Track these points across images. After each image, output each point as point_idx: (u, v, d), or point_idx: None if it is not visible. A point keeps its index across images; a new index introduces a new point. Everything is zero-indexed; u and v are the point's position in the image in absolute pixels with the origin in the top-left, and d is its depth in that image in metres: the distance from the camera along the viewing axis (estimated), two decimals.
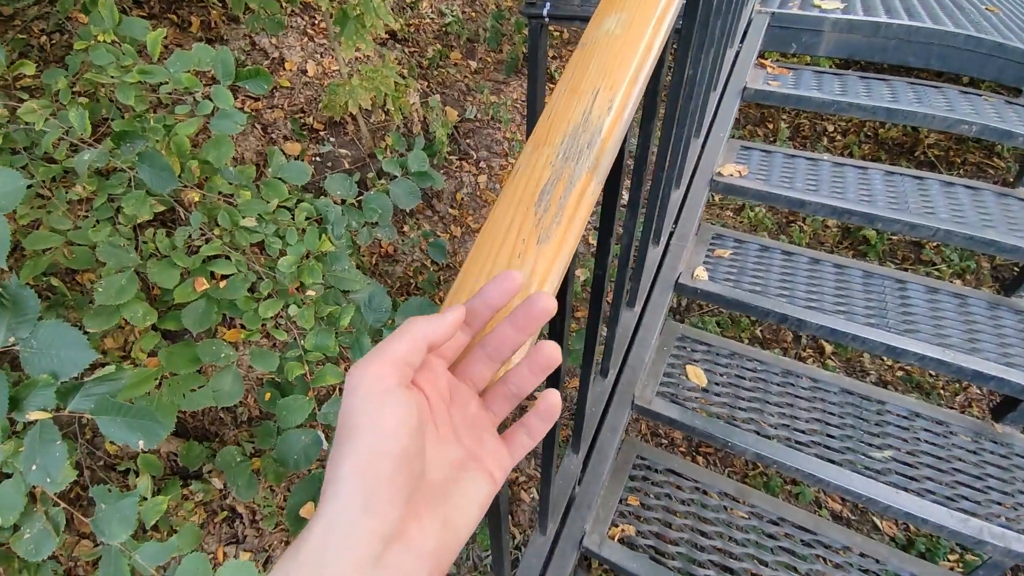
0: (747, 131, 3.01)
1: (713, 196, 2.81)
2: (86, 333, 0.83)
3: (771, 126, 3.02)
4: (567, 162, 0.39)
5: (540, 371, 0.32)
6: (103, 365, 0.93)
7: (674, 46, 0.85)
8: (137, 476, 1.73)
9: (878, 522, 1.91)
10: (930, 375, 2.28)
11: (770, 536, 1.13)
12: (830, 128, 3.04)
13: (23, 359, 0.82)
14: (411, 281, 2.36)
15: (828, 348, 2.32)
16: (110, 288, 1.20)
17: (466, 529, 0.29)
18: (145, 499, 1.11)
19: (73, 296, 1.62)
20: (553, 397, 0.32)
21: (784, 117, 3.04)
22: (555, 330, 0.55)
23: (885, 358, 2.31)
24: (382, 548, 0.25)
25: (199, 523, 1.80)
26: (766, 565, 1.09)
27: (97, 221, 1.39)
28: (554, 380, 0.65)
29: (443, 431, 0.30)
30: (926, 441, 1.14)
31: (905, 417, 1.18)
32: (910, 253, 2.64)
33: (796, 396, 1.20)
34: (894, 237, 2.68)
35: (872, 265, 1.33)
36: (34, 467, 0.80)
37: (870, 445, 1.10)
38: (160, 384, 1.32)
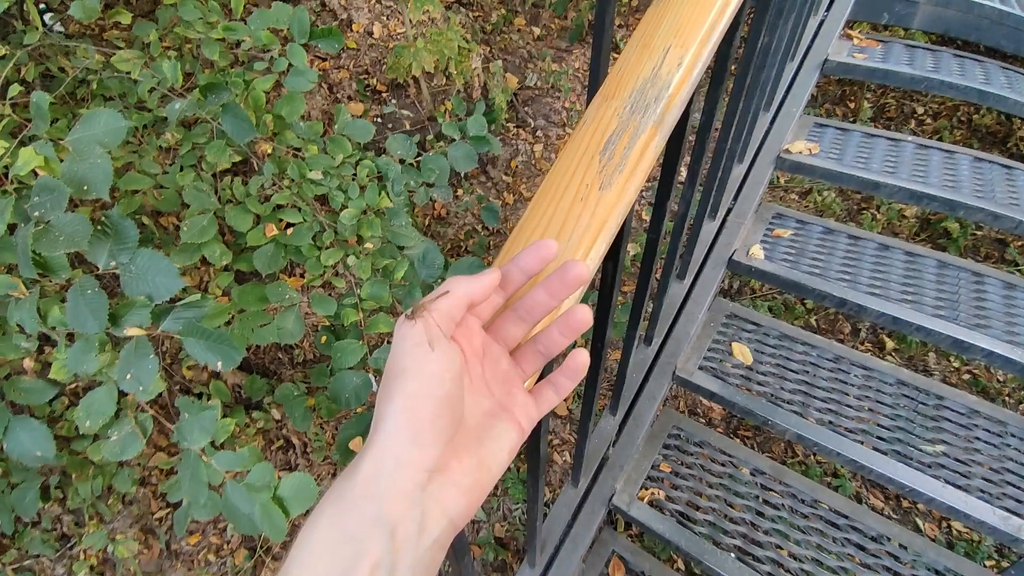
0: (824, 110, 2.83)
1: (778, 177, 2.68)
2: None
3: (852, 105, 2.82)
4: (634, 115, 0.41)
5: (570, 333, 0.34)
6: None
7: (752, 10, 0.82)
8: (209, 400, 1.91)
9: (920, 523, 1.85)
10: (998, 380, 2.14)
11: (803, 517, 1.13)
12: (919, 110, 2.81)
13: (123, 282, 0.92)
14: (461, 244, 2.42)
15: (889, 344, 2.21)
16: (193, 228, 1.31)
17: (497, 470, 0.31)
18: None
19: (159, 235, 1.77)
20: (581, 357, 0.34)
21: (868, 96, 2.82)
22: (607, 282, 0.57)
23: (951, 358, 2.18)
24: (427, 478, 0.28)
25: (259, 448, 1.98)
26: (797, 544, 1.10)
27: (182, 167, 1.51)
28: (599, 342, 0.67)
29: (476, 383, 0.33)
30: (981, 440, 1.09)
31: (963, 414, 1.13)
32: (994, 251, 2.45)
33: (847, 384, 1.17)
34: (978, 232, 2.48)
35: (949, 256, 1.26)
36: (128, 376, 0.90)
37: (922, 439, 1.07)
38: (231, 320, 1.45)
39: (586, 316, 0.33)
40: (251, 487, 0.90)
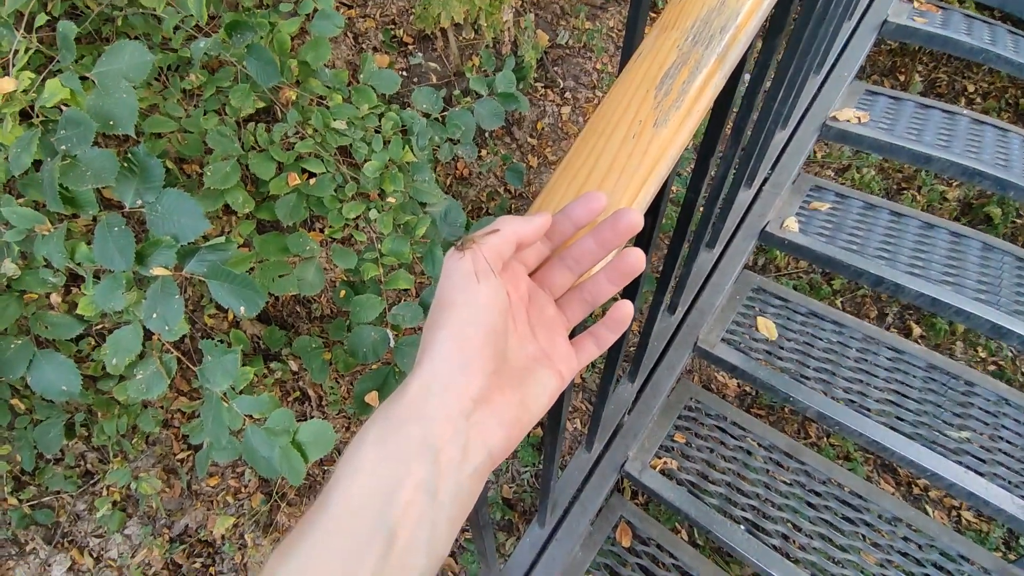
0: (872, 81, 2.68)
1: (815, 152, 2.57)
2: None
3: (902, 78, 2.66)
4: (696, 46, 0.37)
5: (620, 279, 0.33)
6: None
7: None
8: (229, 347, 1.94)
9: (930, 510, 1.84)
10: (1023, 373, 2.08)
11: (816, 495, 1.12)
12: (971, 88, 2.65)
13: (149, 221, 0.92)
14: (483, 206, 2.38)
15: (916, 330, 2.15)
16: (217, 173, 1.30)
17: (537, 412, 0.31)
18: None
19: (183, 180, 1.77)
20: (625, 308, 0.33)
21: (919, 68, 2.66)
22: (643, 239, 0.54)
23: (979, 348, 2.12)
24: (472, 407, 0.27)
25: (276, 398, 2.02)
26: (808, 520, 1.09)
27: (206, 112, 1.49)
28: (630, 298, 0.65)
29: (521, 328, 0.33)
30: (1008, 428, 1.06)
31: (992, 402, 1.10)
32: None
33: (875, 364, 1.14)
34: (1018, 220, 2.37)
35: (994, 239, 1.20)
36: (155, 315, 0.91)
37: (948, 424, 1.04)
38: (252, 269, 1.45)
39: (639, 260, 0.32)
40: (271, 431, 0.92)
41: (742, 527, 1.07)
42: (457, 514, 0.26)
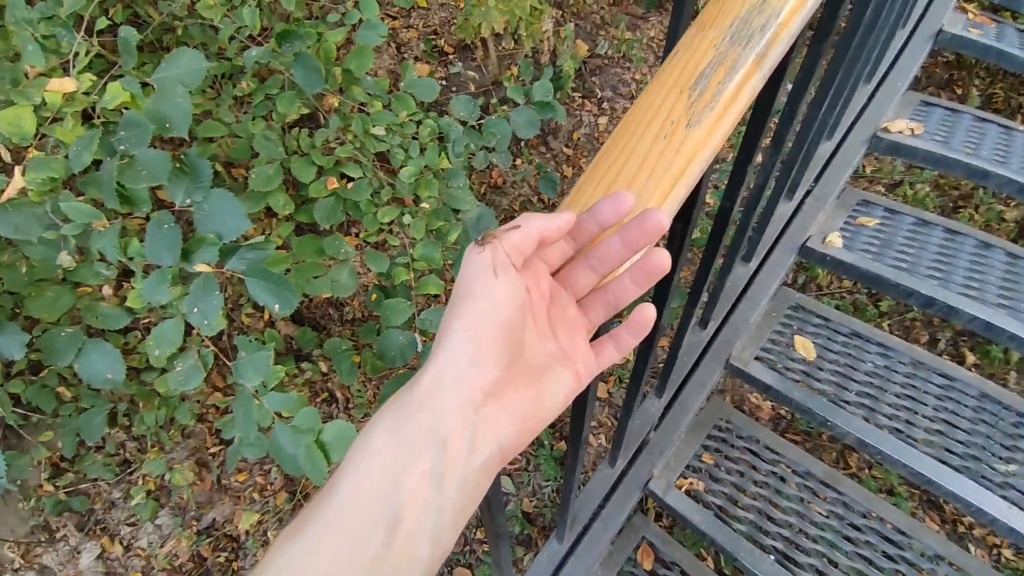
0: (928, 93, 2.57)
1: (864, 167, 2.47)
2: None
3: (959, 91, 2.54)
4: (733, 46, 0.36)
5: (644, 279, 0.32)
6: None
7: None
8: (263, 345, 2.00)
9: (972, 549, 1.71)
10: None
11: (855, 528, 1.06)
12: None
13: (196, 219, 0.96)
14: (516, 214, 2.39)
15: (970, 358, 2.02)
16: (261, 176, 1.35)
17: (552, 410, 0.31)
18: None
19: (230, 183, 1.85)
20: (648, 311, 0.32)
21: (976, 82, 2.53)
22: (673, 246, 0.53)
23: None
24: (481, 400, 0.27)
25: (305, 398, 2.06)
26: (845, 555, 1.03)
27: (254, 117, 1.55)
28: (658, 314, 0.63)
29: (541, 326, 0.32)
30: None
31: None
32: None
33: (923, 391, 1.07)
34: None
35: None
36: (196, 310, 0.95)
37: (997, 457, 0.97)
38: (289, 271, 1.50)
39: (664, 260, 0.31)
40: (297, 429, 0.93)
41: (772, 557, 1.02)
42: (463, 505, 0.26)
